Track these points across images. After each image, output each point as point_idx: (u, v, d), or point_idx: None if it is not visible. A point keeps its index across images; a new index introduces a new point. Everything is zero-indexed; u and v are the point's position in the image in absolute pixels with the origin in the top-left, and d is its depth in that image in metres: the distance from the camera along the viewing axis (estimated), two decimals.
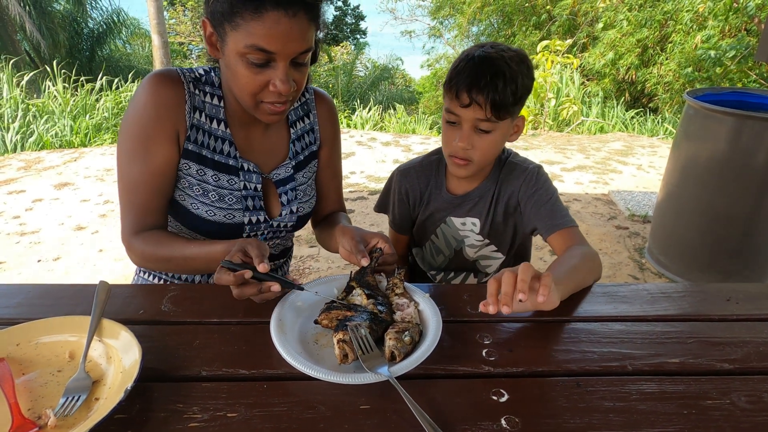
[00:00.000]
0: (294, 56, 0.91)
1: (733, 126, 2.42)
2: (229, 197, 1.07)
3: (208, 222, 1.07)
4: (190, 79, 1.03)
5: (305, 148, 1.19)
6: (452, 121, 1.15)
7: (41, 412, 0.68)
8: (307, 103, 1.19)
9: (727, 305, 0.98)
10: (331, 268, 2.98)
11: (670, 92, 7.41)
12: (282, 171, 1.14)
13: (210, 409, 0.69)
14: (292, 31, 0.87)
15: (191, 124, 1.03)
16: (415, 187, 1.33)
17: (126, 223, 1.05)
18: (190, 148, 1.04)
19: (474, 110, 1.09)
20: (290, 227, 1.19)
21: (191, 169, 1.05)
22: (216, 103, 1.06)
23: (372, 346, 0.77)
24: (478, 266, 1.38)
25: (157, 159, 1.01)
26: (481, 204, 1.28)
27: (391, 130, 7.16)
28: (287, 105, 0.98)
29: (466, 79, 1.08)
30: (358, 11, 20.30)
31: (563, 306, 0.97)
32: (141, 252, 1.03)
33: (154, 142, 1.00)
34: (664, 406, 0.72)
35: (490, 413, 0.70)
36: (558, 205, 1.21)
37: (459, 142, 1.13)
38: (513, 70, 1.09)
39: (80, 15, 11.52)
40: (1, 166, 4.74)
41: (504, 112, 1.10)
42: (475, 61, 1.10)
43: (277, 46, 0.88)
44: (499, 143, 1.17)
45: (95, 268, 2.95)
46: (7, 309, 0.92)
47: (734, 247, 2.61)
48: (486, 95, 1.07)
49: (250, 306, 0.93)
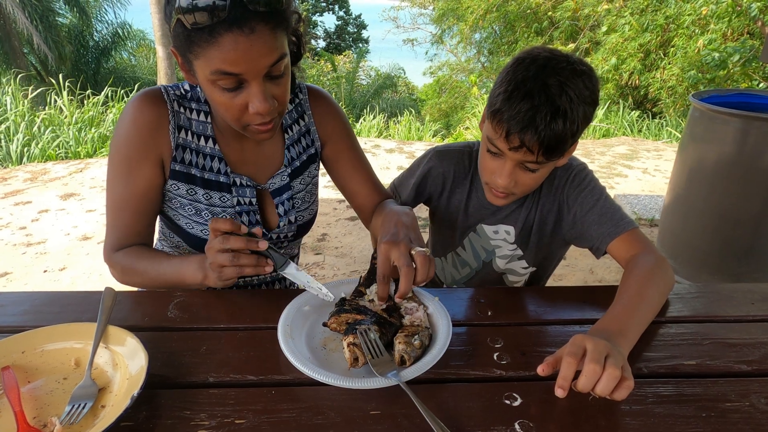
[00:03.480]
0: (265, 71, 0.84)
1: (739, 127, 2.41)
2: (223, 215, 1.05)
3: (203, 240, 1.05)
4: (174, 98, 1.00)
5: (302, 153, 1.13)
6: (493, 152, 1.01)
7: (47, 420, 0.67)
8: (301, 104, 1.12)
9: (743, 306, 0.96)
10: (337, 275, 2.96)
11: (673, 96, 7.39)
12: (277, 180, 1.10)
13: (218, 415, 0.68)
14: (253, 48, 0.80)
15: (176, 144, 1.00)
16: (456, 173, 1.21)
17: (108, 241, 1.05)
18: (177, 169, 1.01)
19: (524, 153, 0.95)
20: (291, 237, 1.16)
21: (180, 189, 1.03)
22: (203, 119, 1.03)
23: (382, 350, 0.75)
24: (505, 280, 1.29)
25: (139, 182, 1.00)
26: (518, 211, 1.18)
27: (397, 136, 7.17)
28: (275, 121, 0.92)
29: (519, 121, 0.91)
30: (360, 20, 20.45)
31: (573, 309, 0.96)
32: (121, 266, 1.03)
33: (135, 165, 0.99)
34: (681, 409, 0.70)
35: (503, 418, 0.68)
36: (611, 205, 1.06)
37: (500, 180, 1.01)
38: (575, 103, 0.91)
39: (86, 28, 11.65)
40: (7, 178, 4.77)
41: (558, 153, 0.96)
42: (532, 94, 0.91)
43: (242, 67, 0.81)
44: (545, 176, 1.05)
45: (101, 278, 2.95)
46: (14, 317, 0.91)
47: (743, 250, 2.58)
48: (540, 140, 0.91)
49: (257, 311, 0.92)
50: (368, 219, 1.19)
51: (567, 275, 2.95)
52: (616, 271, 2.97)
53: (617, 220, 1.04)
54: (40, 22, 10.19)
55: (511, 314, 0.93)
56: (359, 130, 7.39)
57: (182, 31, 0.81)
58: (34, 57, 10.93)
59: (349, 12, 21.51)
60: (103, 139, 6.10)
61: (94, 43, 11.90)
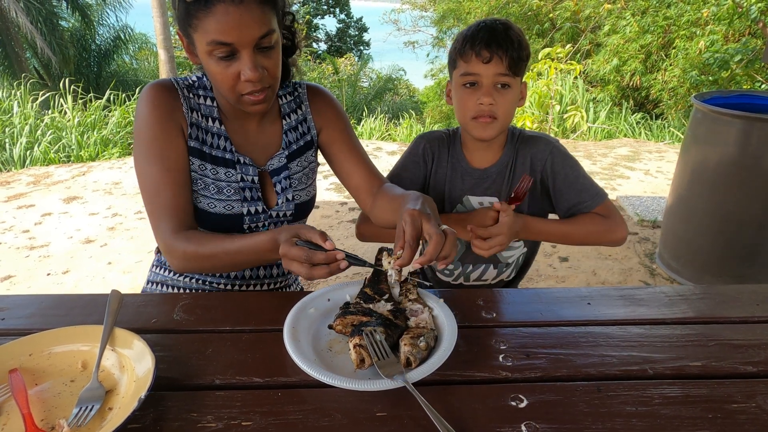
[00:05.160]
0: (254, 42, 0.93)
1: (742, 128, 2.41)
2: (227, 189, 1.11)
3: (209, 214, 1.11)
4: (184, 86, 1.10)
5: (299, 138, 1.20)
6: (470, 83, 1.18)
7: (55, 422, 0.67)
8: (299, 97, 1.21)
9: (748, 307, 0.96)
10: (339, 277, 2.96)
11: (675, 98, 7.38)
12: (276, 161, 1.17)
13: (224, 417, 0.68)
14: (243, 18, 0.90)
15: (190, 122, 1.08)
16: (439, 151, 1.34)
17: (159, 227, 1.04)
18: (192, 145, 1.09)
19: (495, 65, 1.15)
20: (290, 216, 1.19)
21: (194, 165, 1.09)
22: (210, 103, 1.12)
23: (387, 352, 0.75)
24: (498, 257, 1.36)
25: (171, 155, 1.05)
26: (499, 180, 1.29)
27: (398, 139, 7.18)
28: (267, 92, 1.00)
29: (485, 37, 1.15)
30: (361, 23, 20.49)
31: (577, 310, 0.96)
32: (183, 252, 1.02)
33: (164, 140, 1.05)
34: (688, 410, 0.70)
35: (509, 419, 0.68)
36: (587, 180, 1.24)
37: (483, 98, 1.16)
38: (518, 32, 1.19)
39: (88, 32, 11.69)
40: (10, 182, 4.78)
41: (518, 67, 1.17)
42: (487, 23, 1.18)
43: (233, 36, 0.91)
44: (515, 102, 1.22)
45: (104, 280, 2.96)
46: (20, 320, 0.92)
47: (746, 251, 2.58)
48: (504, 49, 1.14)
49: (262, 314, 0.92)
50: (366, 201, 1.22)
51: (570, 276, 2.95)
52: (619, 272, 2.97)
53: (594, 194, 1.22)
54: (44, 25, 10.23)
55: (515, 316, 0.93)
56: (360, 132, 7.39)
57: (183, 8, 0.93)
58: (36, 61, 10.96)
59: (350, 15, 21.55)
60: (105, 142, 6.12)
61: (96, 46, 11.94)
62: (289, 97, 1.20)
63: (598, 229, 1.19)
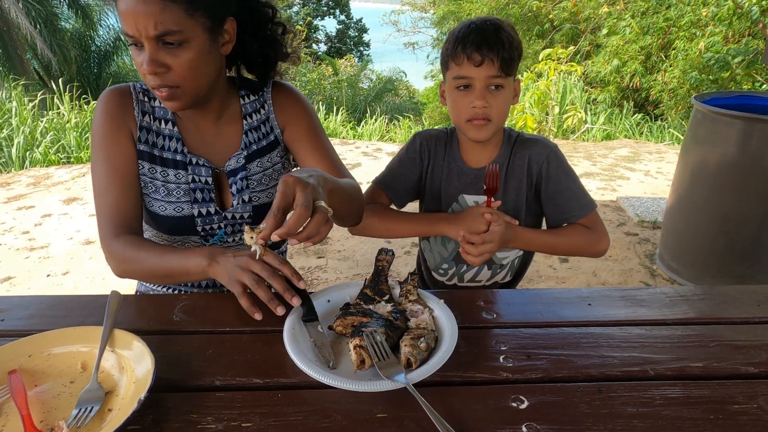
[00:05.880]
0: (153, 36, 0.90)
1: (742, 129, 2.40)
2: (177, 191, 1.11)
3: (161, 217, 1.12)
4: (140, 89, 1.11)
5: (262, 138, 1.17)
6: (463, 86, 1.18)
7: (54, 423, 0.67)
8: (263, 96, 1.18)
9: (749, 308, 0.96)
10: (340, 278, 2.96)
11: (674, 99, 7.38)
12: (233, 162, 1.14)
13: (224, 419, 0.68)
14: (138, 10, 0.89)
15: (140, 126, 1.09)
16: (435, 150, 1.35)
17: (102, 227, 1.07)
18: (140, 148, 1.10)
19: (487, 68, 1.14)
20: (247, 218, 1.17)
21: (143, 168, 1.10)
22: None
23: (388, 352, 0.75)
24: (493, 258, 1.35)
25: (117, 156, 1.07)
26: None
27: (398, 140, 7.18)
28: (174, 92, 0.97)
29: (476, 40, 1.14)
30: (361, 24, 20.50)
31: (577, 311, 0.95)
32: (121, 256, 1.04)
33: (112, 141, 1.07)
34: (689, 411, 0.70)
35: (510, 420, 0.68)
36: (579, 189, 1.25)
37: (476, 101, 1.16)
38: (509, 30, 1.18)
39: (88, 33, 11.70)
40: (10, 183, 4.78)
41: (511, 68, 1.17)
42: (477, 25, 1.17)
43: (131, 27, 0.91)
44: (509, 102, 1.22)
45: (104, 281, 2.95)
46: (19, 320, 0.91)
47: (747, 252, 2.58)
48: (496, 52, 1.14)
49: (262, 315, 0.92)
50: None
51: (570, 278, 2.94)
52: (619, 273, 2.97)
53: (582, 204, 1.23)
54: (44, 26, 10.23)
55: (516, 317, 0.93)
56: (360, 133, 7.39)
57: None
58: (37, 62, 10.97)
59: (350, 16, 21.56)
60: None
61: (96, 48, 11.95)
62: (252, 96, 1.17)
63: (582, 241, 1.21)
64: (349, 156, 5.57)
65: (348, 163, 5.26)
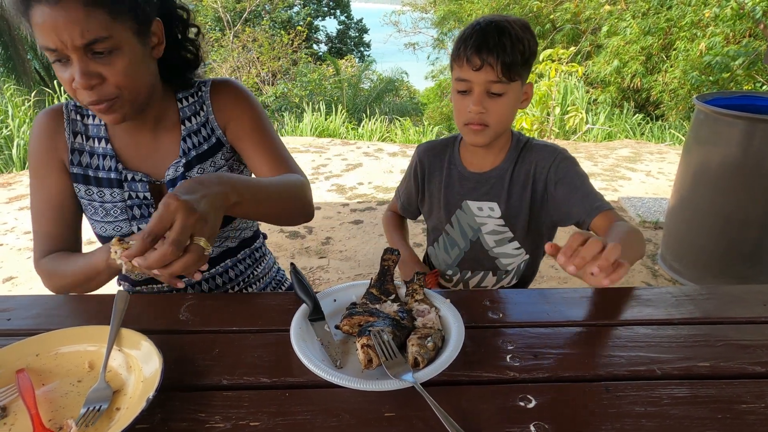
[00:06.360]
0: (81, 45, 0.83)
1: (744, 129, 2.40)
2: (114, 210, 1.09)
3: (103, 238, 1.12)
4: (72, 108, 1.08)
5: (203, 142, 1.11)
6: (464, 90, 1.16)
7: (62, 422, 0.67)
8: (201, 97, 1.12)
9: (754, 307, 0.96)
10: (341, 278, 2.96)
11: (675, 99, 7.38)
12: (172, 171, 1.09)
13: (232, 418, 0.68)
14: (58, 21, 0.81)
15: (72, 148, 1.07)
16: (433, 161, 1.34)
17: (35, 251, 1.09)
18: (75, 171, 1.08)
19: (486, 72, 1.11)
20: None
21: (80, 191, 1.09)
22: (98, 122, 1.09)
23: (395, 352, 0.75)
24: (498, 264, 1.35)
25: (49, 188, 1.07)
26: (498, 186, 1.26)
27: (398, 140, 7.18)
28: (114, 103, 0.91)
29: (476, 43, 1.10)
30: (361, 24, 20.51)
31: (584, 310, 0.95)
32: (47, 271, 1.06)
33: (43, 173, 1.07)
34: (697, 411, 0.70)
35: (518, 419, 0.68)
36: (593, 188, 1.20)
37: (473, 106, 1.13)
38: (518, 32, 1.12)
39: None
40: (11, 183, 4.78)
41: (514, 73, 1.11)
42: (481, 26, 1.13)
43: (53, 40, 0.82)
44: (512, 107, 1.18)
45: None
46: (26, 320, 0.92)
47: (749, 252, 2.57)
48: (496, 56, 1.09)
49: (268, 314, 0.92)
50: None
51: (572, 277, 2.94)
52: None
53: (600, 200, 1.16)
54: None
55: (522, 316, 0.93)
56: (361, 133, 7.39)
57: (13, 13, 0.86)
58: (37, 62, 10.98)
59: (350, 16, 21.56)
60: None
61: None
62: (191, 99, 1.11)
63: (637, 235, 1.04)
64: (350, 156, 5.57)
65: (349, 163, 5.26)
